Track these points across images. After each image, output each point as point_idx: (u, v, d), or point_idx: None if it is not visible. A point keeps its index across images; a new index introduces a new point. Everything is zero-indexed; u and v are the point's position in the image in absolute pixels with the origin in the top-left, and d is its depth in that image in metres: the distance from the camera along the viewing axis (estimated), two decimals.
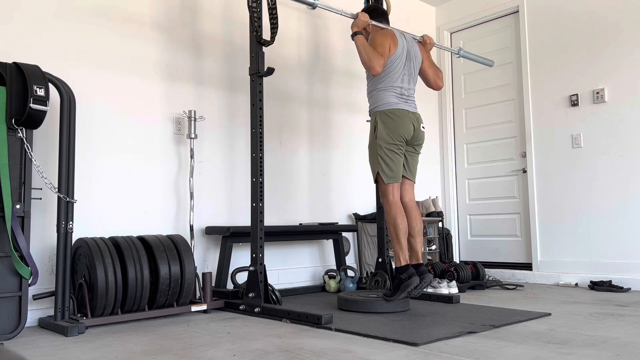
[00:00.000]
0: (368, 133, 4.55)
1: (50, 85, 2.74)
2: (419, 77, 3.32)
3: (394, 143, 3.06)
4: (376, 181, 3.15)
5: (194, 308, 3.06)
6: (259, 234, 3.11)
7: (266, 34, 3.35)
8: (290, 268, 4.12)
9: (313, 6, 2.96)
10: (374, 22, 3.18)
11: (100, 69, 3.24)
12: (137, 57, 3.41)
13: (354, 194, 4.64)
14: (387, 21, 3.32)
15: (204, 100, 3.72)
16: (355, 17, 3.13)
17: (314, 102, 4.42)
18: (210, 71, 3.78)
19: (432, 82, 3.33)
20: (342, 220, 4.54)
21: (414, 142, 3.16)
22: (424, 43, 3.36)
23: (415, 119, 3.13)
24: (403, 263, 2.99)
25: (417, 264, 3.04)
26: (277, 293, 3.16)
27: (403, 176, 3.16)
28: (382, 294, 3.08)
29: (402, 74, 3.12)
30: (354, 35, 3.09)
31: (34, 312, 2.83)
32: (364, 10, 3.29)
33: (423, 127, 3.19)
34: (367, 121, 3.28)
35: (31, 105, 2.56)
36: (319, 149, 4.42)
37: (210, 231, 3.57)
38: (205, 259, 3.63)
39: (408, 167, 3.19)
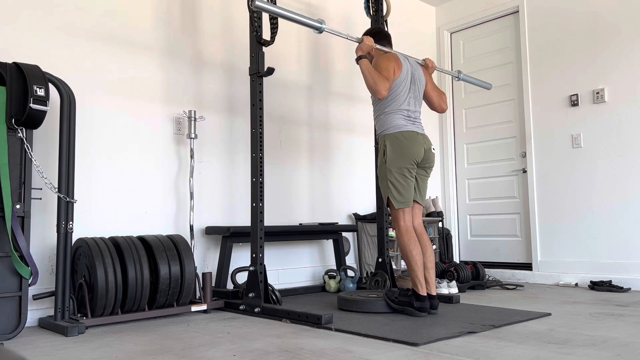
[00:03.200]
0: (368, 131, 4.57)
1: (50, 85, 2.74)
2: (423, 101, 3.28)
3: (404, 167, 3.00)
4: (387, 205, 3.09)
5: (194, 308, 3.06)
6: (259, 234, 3.11)
7: (266, 34, 3.35)
8: (290, 268, 4.12)
9: (320, 30, 2.94)
10: (378, 46, 3.16)
11: (100, 69, 3.24)
12: (138, 57, 3.41)
13: (354, 194, 4.64)
14: (390, 44, 3.29)
15: (204, 100, 3.72)
16: (360, 41, 3.11)
17: (314, 102, 4.42)
18: (210, 71, 3.77)
19: (437, 105, 3.30)
20: (342, 220, 4.54)
21: (424, 165, 3.10)
22: (426, 66, 3.34)
23: (425, 141, 3.08)
24: (421, 292, 2.92)
25: (431, 295, 2.98)
26: (277, 293, 3.16)
27: (414, 200, 3.08)
28: (385, 292, 3.06)
29: (408, 96, 3.09)
30: (358, 59, 3.05)
31: (34, 312, 2.83)
32: (367, 34, 3.27)
33: (433, 149, 3.13)
34: (375, 146, 3.22)
35: (31, 105, 2.56)
36: (319, 149, 4.42)
37: (210, 231, 3.57)
38: (205, 259, 3.63)
39: (419, 190, 3.11)
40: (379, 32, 3.31)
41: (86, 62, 3.18)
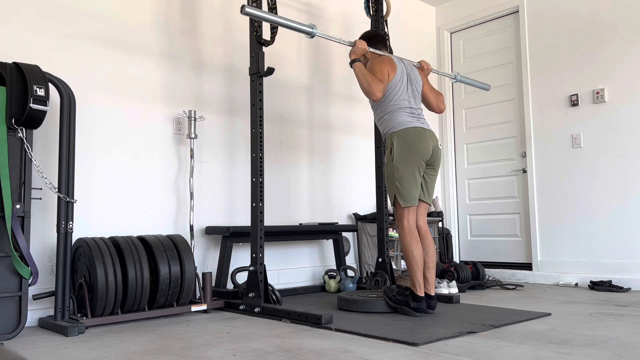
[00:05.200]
0: (368, 131, 4.57)
1: (50, 85, 2.74)
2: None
3: (412, 164, 2.97)
4: (393, 204, 3.06)
5: (194, 308, 3.06)
6: (259, 234, 3.11)
7: (266, 34, 3.35)
8: (290, 268, 4.12)
9: (312, 35, 2.94)
10: (371, 50, 3.16)
11: (100, 69, 3.24)
12: (137, 57, 3.41)
13: (354, 194, 4.64)
14: (385, 47, 3.30)
15: (204, 100, 3.72)
16: (353, 44, 3.11)
17: (314, 101, 4.42)
18: (210, 71, 3.77)
19: (434, 105, 3.28)
20: (342, 220, 4.54)
21: (432, 162, 3.07)
22: (422, 68, 3.34)
23: (432, 137, 3.04)
24: (419, 293, 2.91)
25: (429, 295, 2.97)
26: (277, 293, 3.16)
27: (419, 199, 3.05)
28: (383, 290, 3.05)
29: (407, 95, 3.08)
30: (352, 63, 3.05)
31: (34, 312, 2.83)
32: (362, 37, 3.27)
33: (440, 146, 3.11)
34: (377, 147, 3.19)
35: (31, 105, 2.56)
36: (319, 149, 4.42)
37: (210, 231, 3.57)
38: (205, 259, 3.63)
39: (426, 189, 3.08)
40: (374, 36, 3.31)
41: (86, 62, 3.18)
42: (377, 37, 3.32)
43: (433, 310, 2.96)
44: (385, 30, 3.96)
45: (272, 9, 3.29)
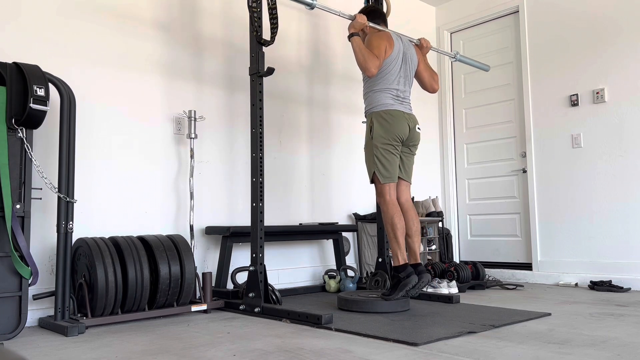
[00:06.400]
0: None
1: (50, 85, 2.74)
2: (414, 79, 3.34)
3: (389, 143, 3.10)
4: (372, 181, 3.19)
5: (194, 308, 3.06)
6: (259, 234, 3.11)
7: (266, 34, 3.35)
8: (290, 268, 4.12)
9: (311, 6, 2.97)
10: (371, 24, 3.19)
11: (100, 69, 3.24)
12: (138, 57, 3.41)
13: (354, 194, 4.64)
14: (384, 23, 3.34)
15: (204, 100, 3.72)
16: (352, 18, 3.15)
17: (314, 102, 4.42)
18: (210, 71, 3.78)
19: (428, 84, 3.37)
20: (342, 220, 4.54)
21: (409, 143, 3.20)
22: (421, 46, 3.38)
23: (410, 120, 3.16)
24: (401, 262, 3.02)
25: (416, 263, 3.06)
26: (277, 293, 3.16)
27: (399, 177, 3.19)
28: (381, 293, 3.09)
29: (398, 76, 3.16)
30: (350, 37, 3.12)
31: (34, 312, 2.83)
32: (362, 12, 3.30)
33: (419, 128, 3.22)
34: (363, 122, 3.31)
35: (31, 105, 2.56)
36: (319, 149, 4.42)
37: (210, 231, 3.57)
38: (205, 259, 3.63)
39: (404, 167, 3.22)
40: (373, 11, 3.35)
41: (86, 62, 3.18)
42: (376, 12, 3.35)
43: (423, 274, 3.00)
44: None
45: (273, 8, 3.29)
